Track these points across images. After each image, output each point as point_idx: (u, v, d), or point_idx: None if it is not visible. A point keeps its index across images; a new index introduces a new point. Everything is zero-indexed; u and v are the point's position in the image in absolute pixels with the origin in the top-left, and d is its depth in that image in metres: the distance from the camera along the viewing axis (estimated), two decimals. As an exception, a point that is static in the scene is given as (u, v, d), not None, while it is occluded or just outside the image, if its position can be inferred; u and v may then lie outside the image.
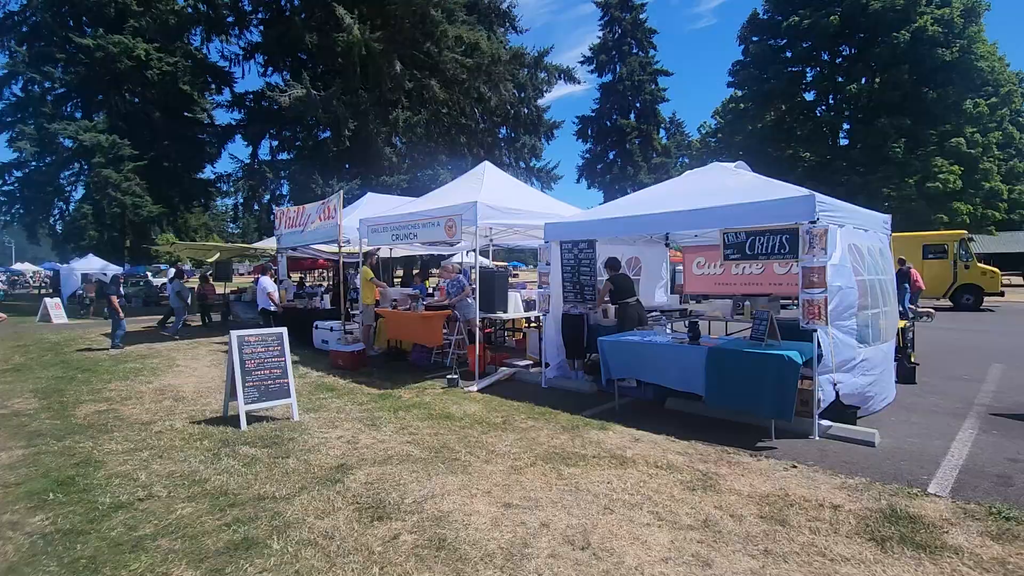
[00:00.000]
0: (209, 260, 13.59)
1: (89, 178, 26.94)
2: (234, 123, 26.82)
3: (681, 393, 5.57)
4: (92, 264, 24.70)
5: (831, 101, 29.27)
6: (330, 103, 21.57)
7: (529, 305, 7.70)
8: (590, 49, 54.03)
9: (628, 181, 52.11)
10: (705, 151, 53.65)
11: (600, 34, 54.54)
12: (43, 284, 38.47)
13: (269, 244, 14.52)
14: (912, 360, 6.84)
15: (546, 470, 4.13)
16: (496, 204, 7.19)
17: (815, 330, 4.57)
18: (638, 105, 54.93)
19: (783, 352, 4.44)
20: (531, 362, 7.98)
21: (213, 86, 31.09)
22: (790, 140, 28.97)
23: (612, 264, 6.77)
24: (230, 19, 24.84)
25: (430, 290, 12.69)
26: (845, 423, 4.74)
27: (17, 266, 46.32)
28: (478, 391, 6.77)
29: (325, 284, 18.83)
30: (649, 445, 4.67)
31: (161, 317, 14.56)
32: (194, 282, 28.59)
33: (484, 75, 24.14)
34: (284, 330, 5.98)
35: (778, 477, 3.92)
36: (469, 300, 7.62)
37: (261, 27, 25.57)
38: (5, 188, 28.90)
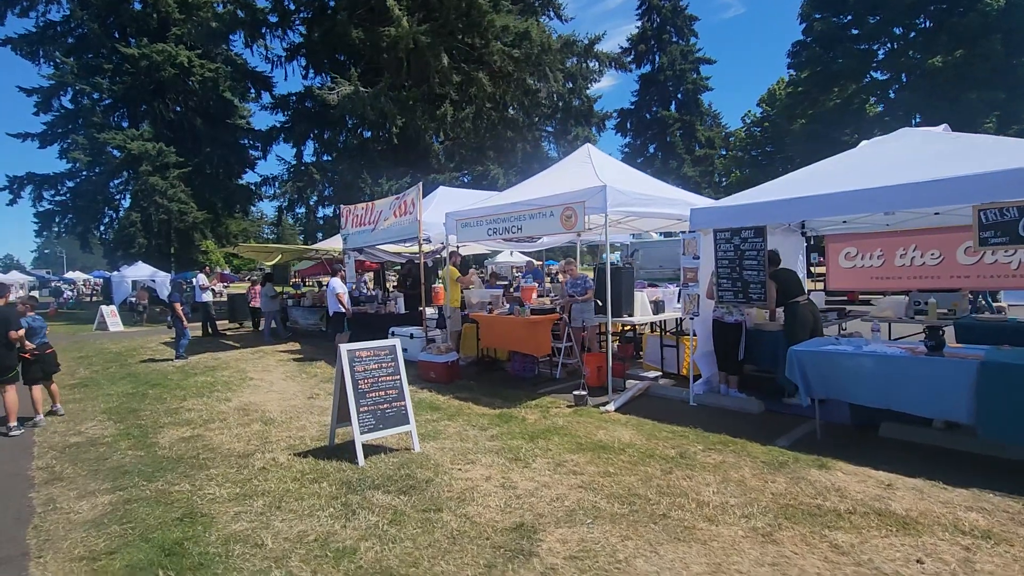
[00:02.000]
0: (269, 263, 12.94)
1: (136, 186, 26.97)
2: (278, 125, 26.38)
3: (896, 415, 4.38)
4: (142, 271, 24.62)
5: (904, 79, 27.11)
6: (378, 99, 20.82)
7: (657, 306, 6.61)
8: (628, 40, 52.48)
9: (671, 175, 50.33)
10: (750, 142, 51.53)
11: (638, 24, 52.94)
12: (94, 292, 39.15)
13: (329, 245, 13.77)
14: None
15: (806, 535, 3.02)
16: (625, 188, 6.09)
17: None
18: (679, 96, 53.09)
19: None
20: (658, 373, 6.86)
21: (253, 92, 30.95)
22: (860, 123, 26.91)
23: (772, 257, 5.58)
24: (273, 19, 24.36)
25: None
26: None
27: (69, 275, 47.46)
28: (616, 411, 5.68)
29: (369, 286, 17.87)
30: (913, 495, 3.49)
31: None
32: (241, 287, 28.21)
33: (533, 65, 23.05)
34: (397, 342, 5.01)
35: None
36: (597, 302, 6.52)
37: (303, 27, 25.07)
38: (58, 198, 29.31)
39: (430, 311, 10.44)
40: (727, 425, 5.03)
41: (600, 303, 6.02)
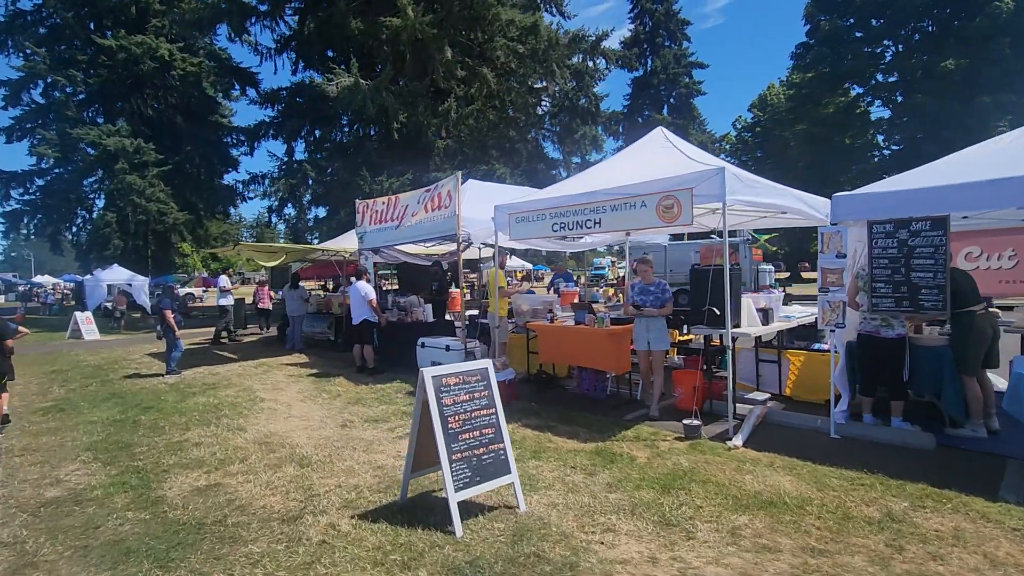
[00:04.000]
0: (270, 265, 11.62)
1: (112, 185, 25.17)
2: (267, 120, 24.86)
3: None
4: (118, 274, 22.89)
5: (911, 82, 26.79)
6: (379, 93, 19.61)
7: (766, 315, 5.58)
8: (620, 43, 51.87)
9: (665, 178, 50.00)
10: (740, 147, 51.58)
11: (630, 27, 52.54)
12: (64, 296, 36.77)
13: (336, 245, 12.44)
14: None
15: None
16: (740, 173, 5.04)
17: None
18: (672, 100, 52.72)
19: None
20: (765, 395, 5.80)
21: (237, 89, 29.33)
22: (866, 125, 26.53)
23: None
24: (263, 8, 22.90)
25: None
26: None
27: (37, 279, 44.80)
28: (744, 446, 4.59)
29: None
30: None
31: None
32: (244, 291, 26.27)
33: (539, 62, 22.08)
34: (490, 364, 3.85)
35: None
36: (715, 310, 5.40)
37: (295, 18, 23.71)
38: (26, 198, 27.31)
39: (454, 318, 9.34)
40: (907, 467, 3.97)
41: (717, 312, 4.92)
